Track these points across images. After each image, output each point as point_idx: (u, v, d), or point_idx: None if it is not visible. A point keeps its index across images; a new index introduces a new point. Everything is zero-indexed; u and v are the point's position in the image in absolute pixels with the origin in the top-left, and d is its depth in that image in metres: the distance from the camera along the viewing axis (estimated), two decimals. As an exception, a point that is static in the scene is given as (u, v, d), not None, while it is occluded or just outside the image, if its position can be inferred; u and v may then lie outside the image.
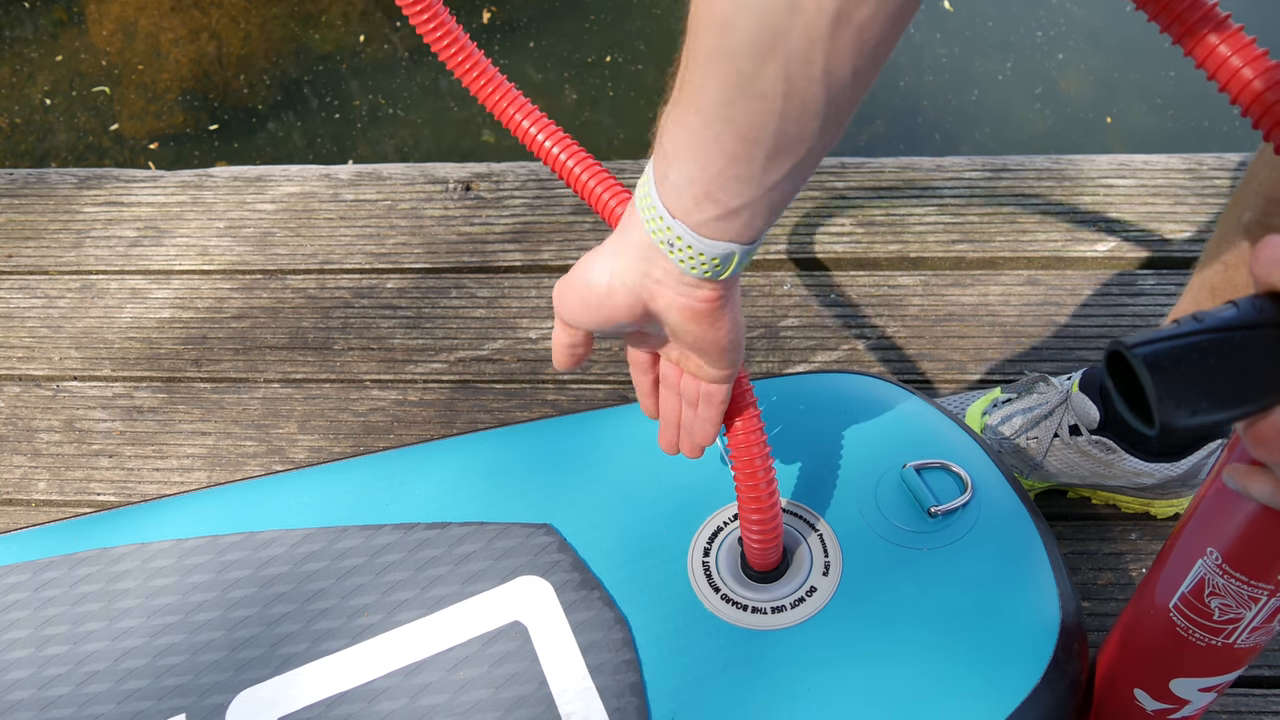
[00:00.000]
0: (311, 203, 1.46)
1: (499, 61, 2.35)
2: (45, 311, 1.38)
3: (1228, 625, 0.56)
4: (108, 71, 2.38)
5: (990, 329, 1.24)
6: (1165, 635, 0.60)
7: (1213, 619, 0.56)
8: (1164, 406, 0.38)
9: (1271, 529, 0.51)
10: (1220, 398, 0.38)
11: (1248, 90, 0.48)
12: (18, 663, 0.75)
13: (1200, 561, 0.55)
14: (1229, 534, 0.53)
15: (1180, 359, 0.38)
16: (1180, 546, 0.57)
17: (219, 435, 1.24)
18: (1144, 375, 0.38)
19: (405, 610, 0.73)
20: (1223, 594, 0.55)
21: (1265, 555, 0.52)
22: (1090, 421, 0.98)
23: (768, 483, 0.64)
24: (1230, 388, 0.38)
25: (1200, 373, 0.38)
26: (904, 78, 2.30)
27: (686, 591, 0.71)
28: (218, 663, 0.73)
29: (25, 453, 1.25)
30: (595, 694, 0.68)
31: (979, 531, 0.72)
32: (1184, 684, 0.62)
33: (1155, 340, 0.38)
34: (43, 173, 1.55)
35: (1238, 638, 0.56)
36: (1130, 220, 1.33)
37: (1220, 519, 0.53)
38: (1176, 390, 0.38)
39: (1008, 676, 0.66)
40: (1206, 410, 0.38)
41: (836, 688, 0.66)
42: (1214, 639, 0.57)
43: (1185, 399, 0.38)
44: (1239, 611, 0.55)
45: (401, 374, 1.27)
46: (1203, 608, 0.56)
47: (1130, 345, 0.38)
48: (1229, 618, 0.56)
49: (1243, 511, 0.51)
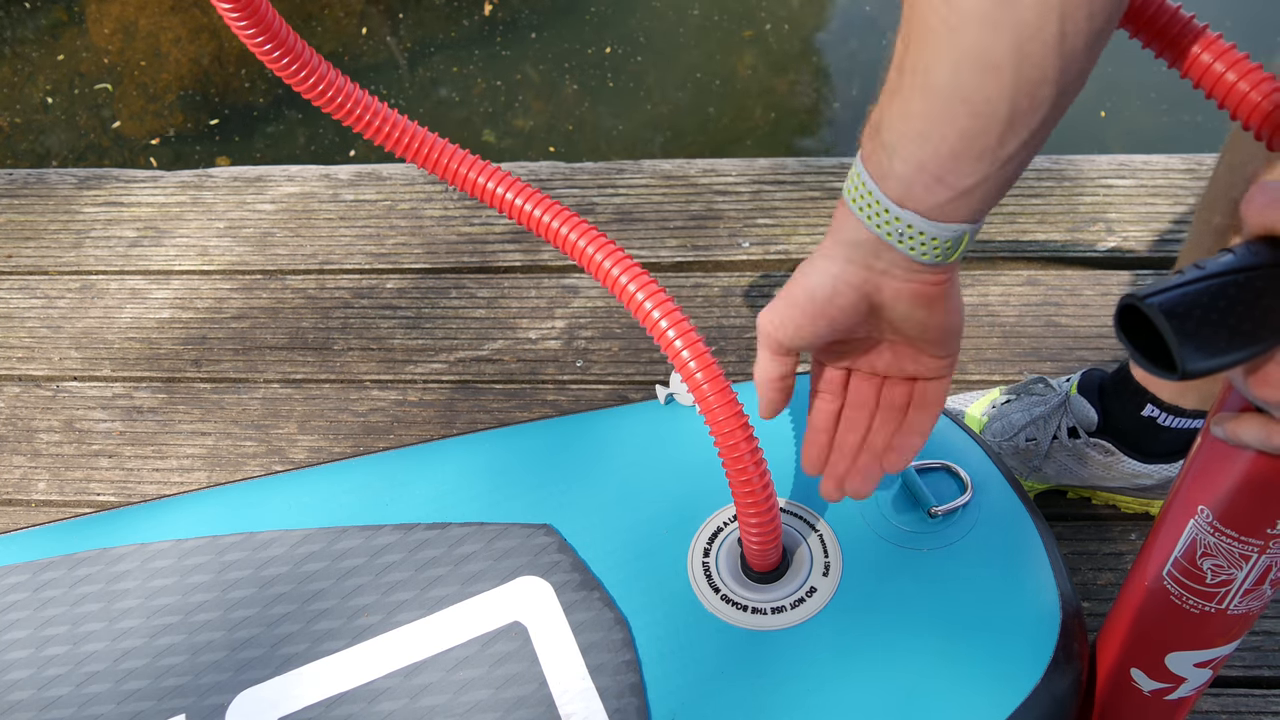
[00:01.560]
0: (311, 203, 1.46)
1: (500, 54, 2.36)
2: (45, 312, 1.38)
3: (1220, 588, 0.56)
4: (109, 70, 2.38)
5: (990, 329, 1.24)
6: (1160, 606, 0.60)
7: (1205, 582, 0.57)
8: (1185, 351, 0.39)
9: (1258, 481, 0.51)
10: (1233, 337, 0.39)
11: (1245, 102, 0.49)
12: (18, 663, 0.75)
13: (1191, 522, 0.55)
14: (1218, 490, 0.54)
15: (1193, 304, 0.39)
16: (1171, 511, 0.58)
17: (219, 435, 1.24)
18: (1162, 324, 0.39)
19: (405, 610, 0.73)
20: (1214, 554, 0.55)
21: (1254, 508, 0.53)
22: (1089, 424, 0.98)
23: (763, 486, 0.63)
24: (1241, 327, 0.39)
25: (1212, 316, 0.39)
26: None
27: (686, 592, 0.71)
28: (218, 663, 0.73)
29: (25, 453, 1.25)
30: (595, 694, 0.68)
31: (979, 532, 0.72)
32: (1180, 658, 0.62)
33: (1166, 289, 0.39)
34: (43, 173, 1.55)
35: (1230, 601, 0.57)
36: (1130, 220, 1.33)
37: (1208, 476, 0.54)
38: (1193, 335, 0.39)
39: (1008, 677, 0.66)
40: (1223, 351, 0.39)
41: (837, 688, 0.66)
42: (1207, 604, 0.58)
43: (1202, 342, 0.39)
44: (1230, 572, 0.55)
45: (401, 374, 1.27)
46: (1195, 571, 0.57)
47: (1143, 297, 0.39)
48: (1221, 579, 0.56)
49: (1231, 466, 0.52)
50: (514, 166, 1.47)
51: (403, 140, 0.67)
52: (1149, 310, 0.39)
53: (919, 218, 0.48)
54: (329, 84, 0.65)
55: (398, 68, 2.39)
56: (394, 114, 0.67)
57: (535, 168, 1.47)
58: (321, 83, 0.64)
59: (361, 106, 0.66)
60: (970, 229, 0.49)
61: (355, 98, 0.65)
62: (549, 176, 1.45)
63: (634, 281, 0.63)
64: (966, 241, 0.50)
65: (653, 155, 2.20)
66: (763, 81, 2.35)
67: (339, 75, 0.66)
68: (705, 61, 2.37)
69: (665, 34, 2.41)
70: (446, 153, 0.67)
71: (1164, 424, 0.94)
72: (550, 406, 1.23)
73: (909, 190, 0.48)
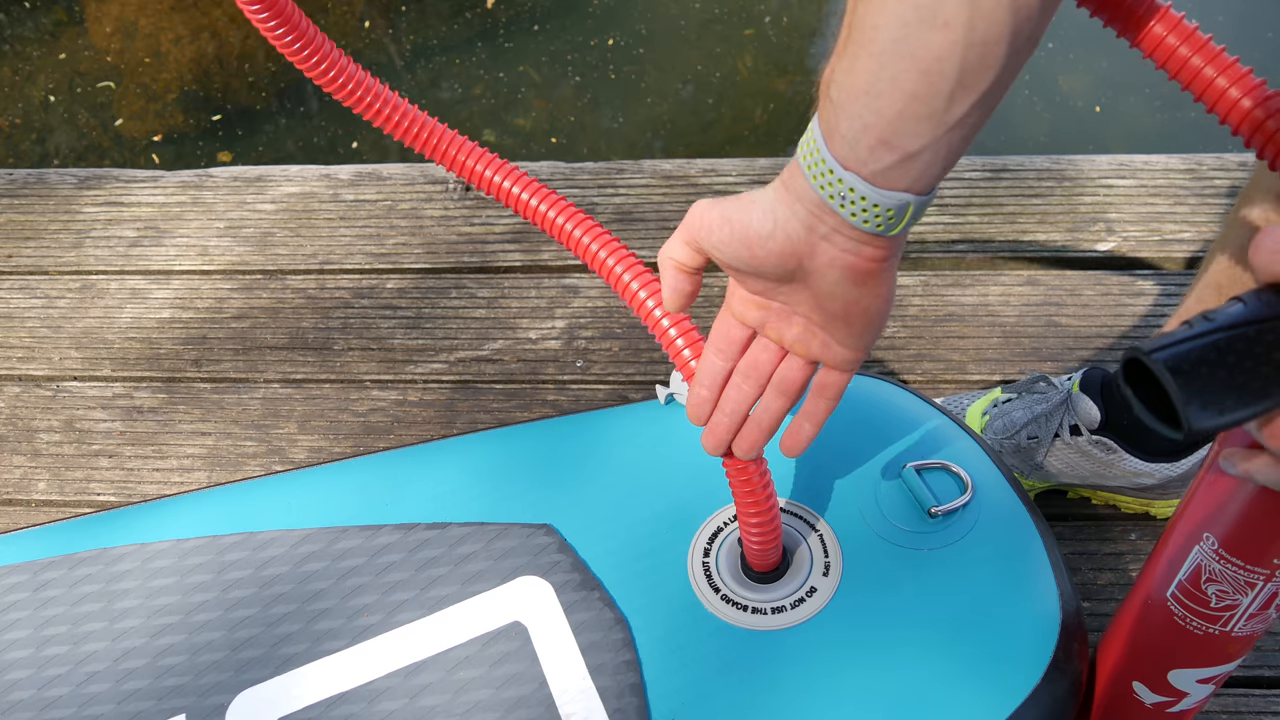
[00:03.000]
0: (311, 203, 1.46)
1: (505, 46, 2.36)
2: (45, 312, 1.38)
3: (1225, 613, 0.56)
4: (110, 70, 2.38)
5: (990, 329, 1.24)
6: (1163, 625, 0.60)
7: (1210, 606, 0.56)
8: (1190, 409, 0.38)
9: (1266, 512, 0.51)
10: (1242, 394, 0.38)
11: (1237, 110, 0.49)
12: (18, 663, 0.75)
13: (1197, 548, 0.55)
14: (1225, 519, 0.53)
15: (1200, 360, 0.38)
16: (1176, 535, 0.57)
17: (219, 435, 1.24)
18: (1167, 381, 0.38)
19: (405, 610, 0.73)
20: (1219, 580, 0.55)
21: (1261, 539, 0.52)
22: (1091, 421, 0.98)
23: (763, 486, 0.63)
24: (1251, 384, 0.38)
25: (1220, 372, 0.38)
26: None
27: (686, 592, 0.71)
28: (218, 663, 0.73)
29: (25, 453, 1.25)
30: (595, 694, 0.68)
31: (979, 532, 0.72)
32: (1182, 675, 0.62)
33: (1172, 344, 0.38)
34: (43, 173, 1.55)
35: (1235, 625, 0.57)
36: (1130, 220, 1.33)
37: (1216, 505, 0.54)
38: (1200, 391, 0.38)
39: (1008, 677, 0.66)
40: (1231, 409, 0.38)
41: (837, 688, 0.66)
42: (1211, 627, 0.57)
43: (1209, 399, 0.38)
44: (1235, 598, 0.55)
45: (401, 374, 1.27)
46: (1200, 595, 0.56)
47: (1148, 351, 0.38)
48: (1226, 604, 0.56)
49: (1238, 496, 0.52)
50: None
51: (420, 135, 0.67)
52: (1154, 366, 0.38)
53: (862, 181, 0.47)
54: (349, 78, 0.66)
55: (398, 70, 2.39)
56: (405, 104, 0.68)
57: (535, 167, 1.47)
58: (341, 75, 0.65)
59: (381, 100, 0.67)
60: (915, 200, 0.48)
61: (375, 91, 0.67)
62: (549, 176, 1.45)
63: (636, 279, 0.63)
64: (911, 214, 0.48)
65: (653, 153, 2.20)
66: (763, 81, 2.35)
67: (359, 69, 0.67)
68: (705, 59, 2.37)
69: (666, 24, 2.42)
70: (464, 150, 0.67)
71: (1166, 423, 0.94)
72: (550, 406, 1.23)
73: (853, 151, 0.46)
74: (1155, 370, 0.38)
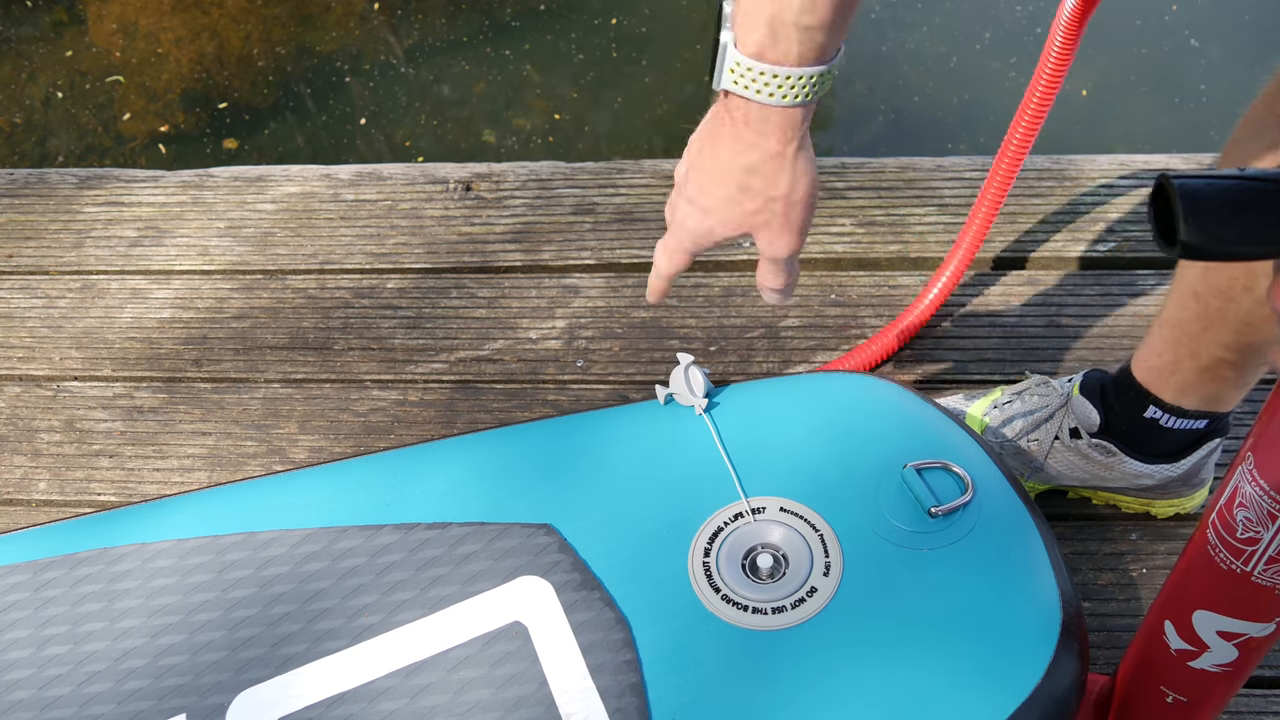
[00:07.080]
0: (312, 203, 1.46)
1: (509, 24, 2.36)
2: (45, 311, 1.38)
3: (1247, 546, 0.57)
4: (109, 70, 2.38)
5: (990, 329, 1.24)
6: (1197, 553, 0.61)
7: (1236, 535, 0.58)
8: (1189, 226, 0.43)
9: None
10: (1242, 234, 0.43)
11: None
12: (18, 663, 0.75)
13: (1240, 469, 0.57)
14: (1266, 441, 0.55)
15: (1214, 193, 0.43)
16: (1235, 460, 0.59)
17: (219, 435, 1.24)
18: (1175, 198, 0.43)
19: (405, 610, 0.73)
20: (1248, 505, 0.56)
21: None
22: (1091, 425, 0.98)
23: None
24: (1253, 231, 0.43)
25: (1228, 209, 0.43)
26: (904, 78, 2.30)
27: (687, 591, 0.71)
28: (218, 663, 0.73)
29: (25, 453, 1.25)
30: (596, 694, 0.68)
31: (980, 532, 0.72)
32: (1204, 619, 0.63)
33: (1198, 176, 0.44)
34: (43, 173, 1.55)
35: (1255, 565, 0.58)
36: (1130, 220, 1.33)
37: (1264, 427, 0.55)
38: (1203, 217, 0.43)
39: (1008, 676, 0.66)
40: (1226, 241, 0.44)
41: (837, 688, 0.66)
42: (1235, 562, 0.58)
43: (1210, 229, 0.43)
44: (1258, 529, 0.56)
45: (402, 374, 1.27)
46: (1230, 521, 0.58)
47: (1174, 177, 0.44)
48: (1249, 536, 0.57)
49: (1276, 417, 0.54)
50: (514, 166, 1.47)
51: None
52: (1170, 187, 0.43)
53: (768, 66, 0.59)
54: None
55: (398, 70, 2.39)
56: None
57: (536, 167, 1.47)
58: None
59: None
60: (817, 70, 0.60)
61: None
62: (549, 176, 1.45)
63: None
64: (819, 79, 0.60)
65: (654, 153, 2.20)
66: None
67: None
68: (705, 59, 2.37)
69: (670, 4, 2.42)
70: None
71: (1166, 425, 0.94)
72: (551, 406, 1.23)
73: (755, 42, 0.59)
74: (1169, 191, 0.43)
